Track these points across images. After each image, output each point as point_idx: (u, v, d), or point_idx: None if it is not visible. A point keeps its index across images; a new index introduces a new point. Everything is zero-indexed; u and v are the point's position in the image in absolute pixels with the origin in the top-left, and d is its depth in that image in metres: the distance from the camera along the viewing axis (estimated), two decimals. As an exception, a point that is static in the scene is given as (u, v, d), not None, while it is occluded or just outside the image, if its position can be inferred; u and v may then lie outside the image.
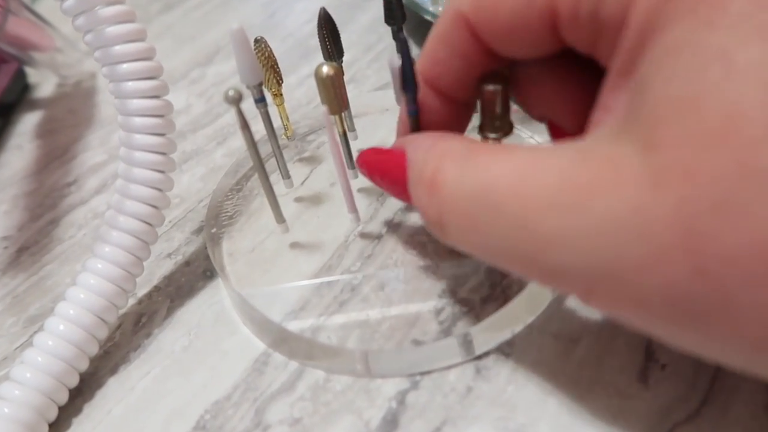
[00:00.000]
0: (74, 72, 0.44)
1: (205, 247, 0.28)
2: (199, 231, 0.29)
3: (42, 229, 0.31)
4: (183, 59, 0.43)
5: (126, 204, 0.25)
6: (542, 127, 0.23)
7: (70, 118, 0.39)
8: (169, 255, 0.28)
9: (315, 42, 0.42)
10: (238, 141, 0.35)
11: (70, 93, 0.42)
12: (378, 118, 0.32)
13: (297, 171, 0.29)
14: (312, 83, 0.38)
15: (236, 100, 0.22)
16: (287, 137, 0.30)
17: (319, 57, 0.26)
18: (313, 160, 0.31)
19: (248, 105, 0.23)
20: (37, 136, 0.38)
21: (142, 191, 0.25)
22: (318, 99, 0.24)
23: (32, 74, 0.44)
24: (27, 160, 0.37)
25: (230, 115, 0.37)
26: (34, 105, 0.42)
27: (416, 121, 0.23)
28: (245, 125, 0.23)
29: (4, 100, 0.40)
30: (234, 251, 0.27)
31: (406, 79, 0.22)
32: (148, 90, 0.24)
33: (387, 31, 0.41)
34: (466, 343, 0.22)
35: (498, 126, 0.22)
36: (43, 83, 0.44)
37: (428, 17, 0.36)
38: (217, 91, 0.39)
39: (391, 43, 0.41)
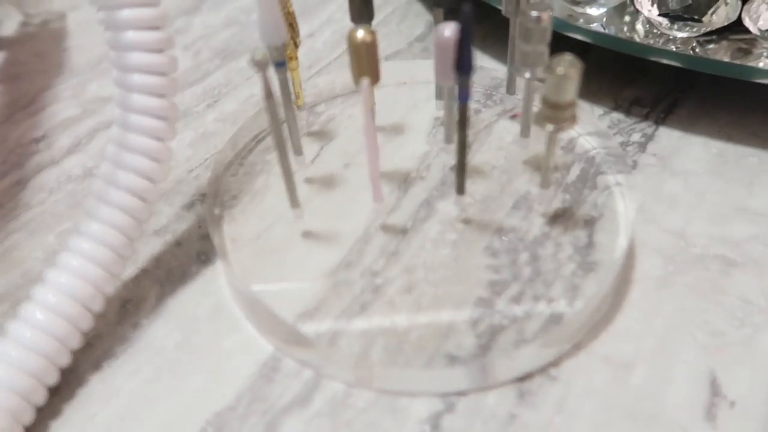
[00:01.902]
0: (40, 9, 0.40)
1: (198, 226, 0.26)
2: (190, 206, 0.27)
3: (7, 191, 0.28)
4: (166, 5, 0.40)
5: (119, 175, 0.22)
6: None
7: (37, 63, 0.36)
8: (156, 232, 0.26)
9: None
10: (232, 104, 0.32)
11: (35, 34, 0.39)
12: (394, 91, 0.30)
13: (305, 147, 0.27)
14: (314, 44, 0.36)
15: (264, 65, 0.20)
16: (297, 107, 0.27)
17: (324, 11, 0.24)
18: (323, 136, 0.28)
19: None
20: (-2, 81, 0.35)
21: (138, 161, 0.22)
22: (322, 63, 0.22)
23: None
24: (-14, 107, 0.34)
25: (221, 74, 0.34)
26: (-7, 44, 0.38)
27: (465, 112, 0.21)
28: (270, 94, 0.21)
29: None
30: (237, 237, 0.24)
31: (464, 59, 0.20)
32: (152, 43, 0.22)
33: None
34: (508, 361, 0.21)
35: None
36: (5, 20, 0.40)
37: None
38: (205, 45, 0.36)
39: (401, 6, 0.38)
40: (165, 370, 0.22)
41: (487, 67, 0.31)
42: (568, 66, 0.20)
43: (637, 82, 0.32)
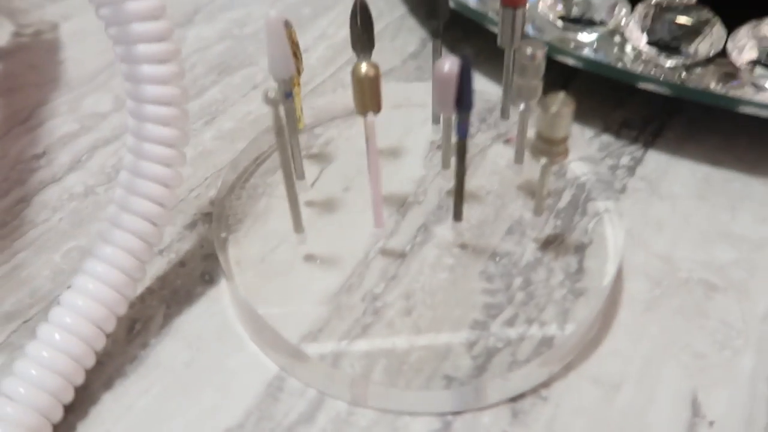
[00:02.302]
0: (33, 19, 0.42)
1: (201, 246, 0.28)
2: (191, 226, 0.29)
3: (11, 209, 0.30)
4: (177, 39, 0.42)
5: (131, 201, 0.24)
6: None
7: (32, 76, 0.38)
8: (161, 252, 0.28)
9: (309, 10, 0.41)
10: (230, 121, 0.34)
11: (29, 45, 0.41)
12: (390, 114, 0.32)
13: (305, 170, 0.29)
14: (308, 60, 0.38)
15: (277, 103, 0.22)
16: (298, 129, 0.30)
17: (317, 25, 0.26)
18: (322, 159, 0.31)
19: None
20: (-7, 94, 0.37)
21: (150, 188, 0.24)
22: (317, 81, 0.23)
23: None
24: (-17, 121, 0.36)
25: (217, 89, 0.36)
26: (-15, 55, 0.40)
27: (464, 146, 0.23)
28: (282, 132, 0.23)
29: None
30: (241, 259, 0.27)
31: (465, 96, 0.22)
32: (165, 76, 0.24)
33: (387, 7, 0.41)
34: (502, 382, 0.23)
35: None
36: (-4, 30, 0.42)
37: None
38: (200, 59, 0.38)
39: (393, 22, 0.40)
40: (174, 388, 0.24)
41: (480, 90, 0.33)
42: (561, 105, 0.22)
43: (627, 103, 0.34)
